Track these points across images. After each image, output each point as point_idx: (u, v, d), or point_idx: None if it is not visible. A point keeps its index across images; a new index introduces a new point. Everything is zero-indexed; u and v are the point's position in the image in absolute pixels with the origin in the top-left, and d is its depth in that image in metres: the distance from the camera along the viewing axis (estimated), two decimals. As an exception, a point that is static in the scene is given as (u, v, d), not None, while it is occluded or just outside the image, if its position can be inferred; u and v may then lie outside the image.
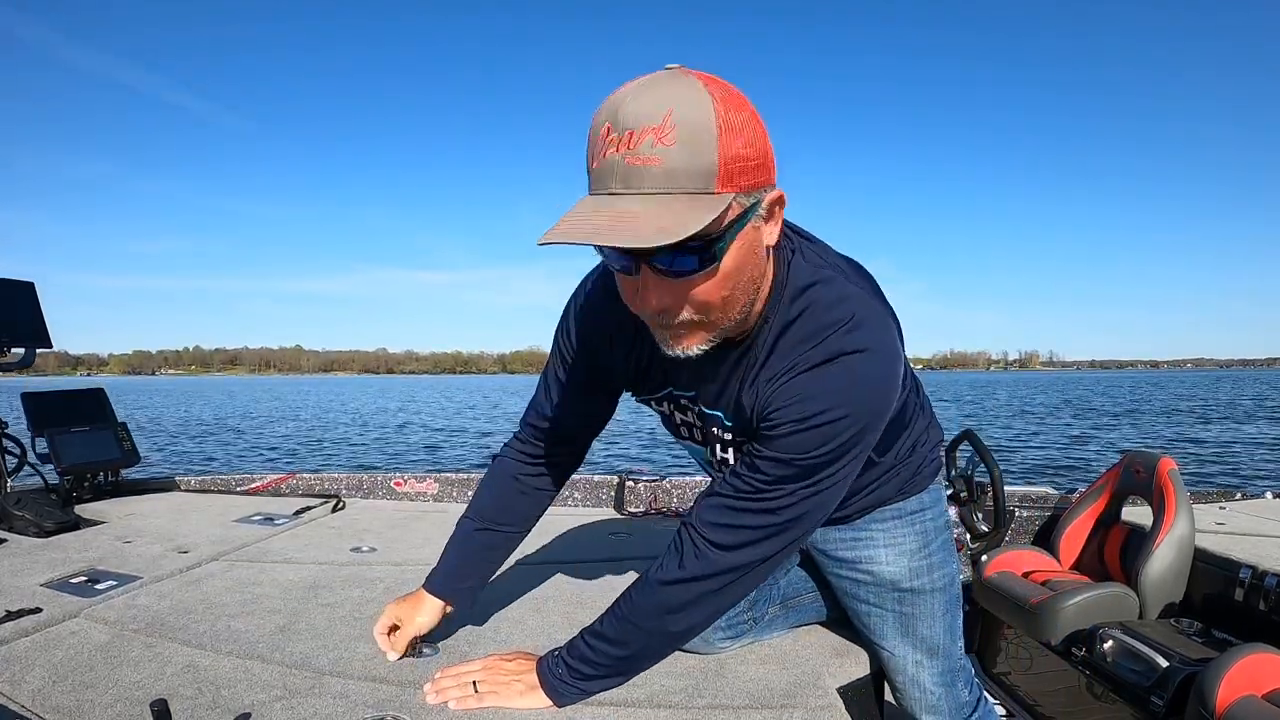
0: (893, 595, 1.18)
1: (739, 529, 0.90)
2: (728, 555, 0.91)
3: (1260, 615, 1.67)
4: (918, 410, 1.14)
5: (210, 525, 2.02)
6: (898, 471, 1.15)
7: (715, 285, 0.73)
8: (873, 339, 0.83)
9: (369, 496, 2.56)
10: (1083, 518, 2.11)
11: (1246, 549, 1.83)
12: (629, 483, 2.37)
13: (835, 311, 0.83)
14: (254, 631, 1.24)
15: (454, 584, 1.17)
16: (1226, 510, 2.29)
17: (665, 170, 0.65)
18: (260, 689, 1.02)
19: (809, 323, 0.84)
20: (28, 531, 1.88)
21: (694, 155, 0.66)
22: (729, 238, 0.71)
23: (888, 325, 0.86)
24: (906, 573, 1.17)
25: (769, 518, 0.89)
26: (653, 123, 0.65)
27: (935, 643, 1.19)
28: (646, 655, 1.02)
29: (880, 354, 0.83)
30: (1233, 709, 1.28)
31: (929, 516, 1.18)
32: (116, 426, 2.43)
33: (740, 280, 0.76)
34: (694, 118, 0.65)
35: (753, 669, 1.14)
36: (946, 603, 1.19)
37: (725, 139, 0.66)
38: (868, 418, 0.84)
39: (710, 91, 0.67)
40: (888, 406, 0.86)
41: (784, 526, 0.89)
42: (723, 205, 0.67)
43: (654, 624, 0.97)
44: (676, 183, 0.66)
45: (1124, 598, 1.77)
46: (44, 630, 1.23)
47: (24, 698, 0.99)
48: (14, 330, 2.22)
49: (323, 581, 1.53)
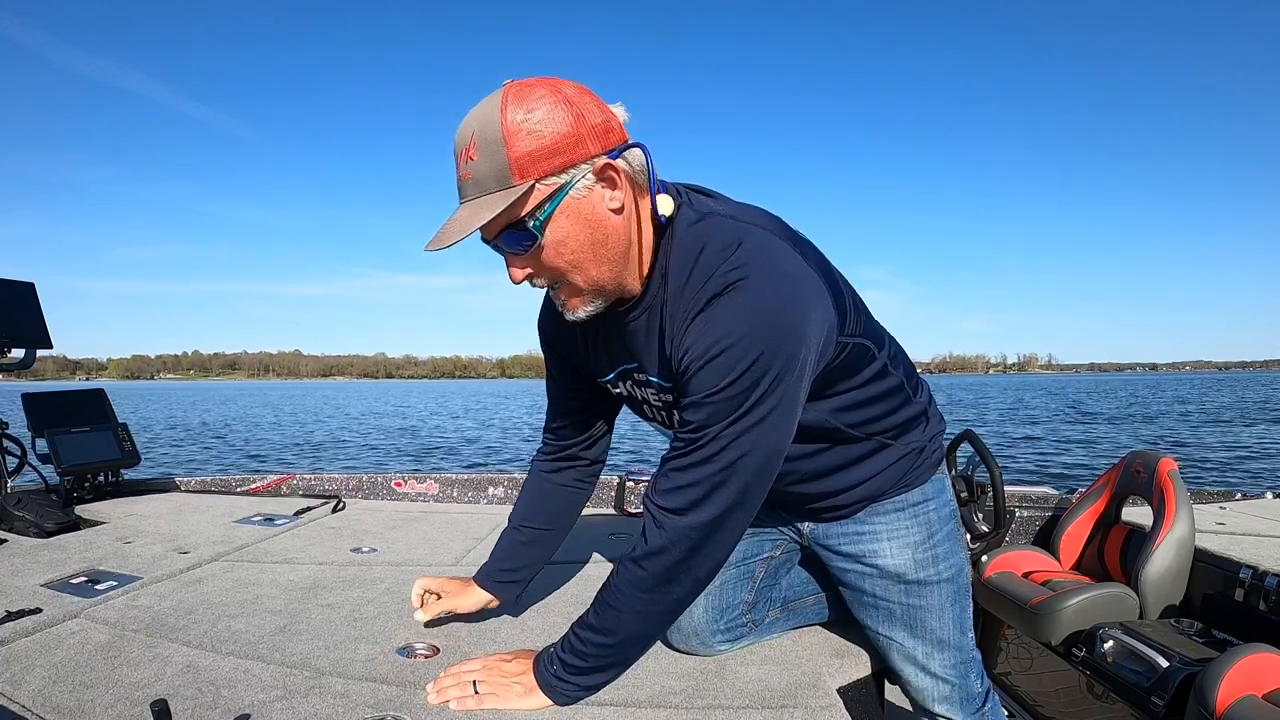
0: (899, 588, 1.17)
1: (686, 488, 0.89)
2: (683, 518, 0.90)
3: (1260, 615, 1.67)
4: (905, 391, 1.12)
5: (210, 525, 2.02)
6: (890, 458, 1.13)
7: (551, 254, 0.87)
8: (762, 264, 0.86)
9: (369, 497, 2.56)
10: (1083, 518, 2.11)
11: (1246, 549, 1.83)
12: (629, 483, 2.37)
13: (725, 249, 0.87)
14: (254, 631, 1.24)
15: (494, 577, 1.26)
16: (1226, 510, 2.29)
17: (475, 180, 0.84)
18: (260, 689, 1.02)
19: (701, 265, 0.89)
20: (28, 532, 1.88)
21: (490, 162, 0.82)
22: (543, 215, 0.84)
23: (784, 250, 0.88)
24: (912, 565, 1.15)
25: (708, 467, 0.87)
26: (464, 145, 0.84)
27: (945, 634, 1.18)
28: (635, 640, 1.00)
29: (772, 276, 0.85)
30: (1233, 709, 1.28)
31: (933, 507, 1.17)
32: (117, 427, 2.43)
33: (581, 246, 0.87)
34: (486, 133, 0.82)
35: (753, 669, 1.14)
36: (954, 594, 1.18)
37: (511, 142, 0.81)
38: (769, 337, 0.83)
39: (502, 105, 0.82)
40: (793, 326, 0.85)
41: (726, 474, 0.87)
42: (517, 194, 0.82)
43: (635, 605, 0.95)
44: (484, 187, 0.83)
45: (1124, 598, 1.77)
46: (44, 630, 1.23)
47: (24, 698, 0.99)
48: (14, 331, 2.22)
49: (323, 582, 1.53)
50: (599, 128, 0.85)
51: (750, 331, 0.83)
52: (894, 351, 1.11)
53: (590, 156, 0.84)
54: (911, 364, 1.17)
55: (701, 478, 0.88)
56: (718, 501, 0.89)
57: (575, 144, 0.83)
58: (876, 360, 1.04)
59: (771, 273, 0.85)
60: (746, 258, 0.86)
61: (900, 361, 1.12)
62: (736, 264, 0.86)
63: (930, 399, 1.21)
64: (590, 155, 0.84)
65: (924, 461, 1.16)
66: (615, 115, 0.88)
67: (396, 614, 1.34)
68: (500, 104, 0.82)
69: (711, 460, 0.87)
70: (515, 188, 0.82)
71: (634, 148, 0.89)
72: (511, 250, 0.88)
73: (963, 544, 1.24)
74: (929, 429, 1.18)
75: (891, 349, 1.10)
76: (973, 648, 1.22)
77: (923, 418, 1.17)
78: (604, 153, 0.85)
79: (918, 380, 1.18)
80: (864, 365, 1.03)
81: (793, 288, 0.86)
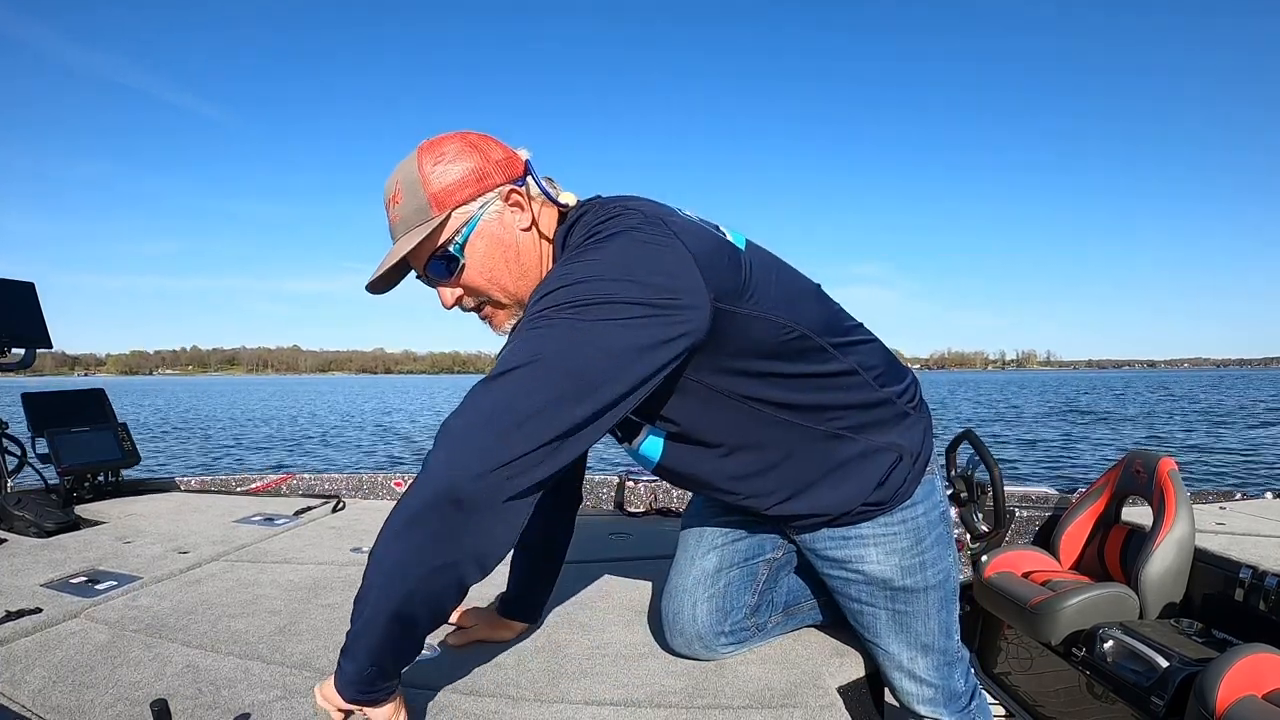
0: (884, 594, 1.15)
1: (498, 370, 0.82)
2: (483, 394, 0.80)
3: (1260, 615, 1.67)
4: (861, 379, 1.07)
5: (210, 525, 2.02)
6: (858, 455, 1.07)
7: (473, 274, 0.98)
8: (622, 227, 0.90)
9: (369, 497, 2.56)
10: (1083, 518, 2.11)
11: (1246, 549, 1.83)
12: (629, 483, 2.37)
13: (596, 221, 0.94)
14: (254, 631, 1.24)
15: (522, 605, 1.29)
16: (1226, 510, 2.29)
17: (402, 219, 0.97)
18: (260, 689, 1.02)
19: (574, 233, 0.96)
20: (28, 532, 1.88)
21: (412, 201, 0.95)
22: (461, 239, 0.96)
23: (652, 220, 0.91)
24: (898, 572, 1.13)
25: (519, 347, 0.82)
26: (390, 194, 0.98)
27: (930, 639, 1.17)
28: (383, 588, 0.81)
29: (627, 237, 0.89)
30: (1233, 709, 1.28)
31: (920, 512, 1.12)
32: (117, 427, 2.43)
33: (497, 263, 0.99)
34: (406, 179, 0.96)
35: (753, 669, 1.14)
36: (942, 599, 1.16)
37: (428, 182, 0.95)
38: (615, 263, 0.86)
39: (418, 156, 0.97)
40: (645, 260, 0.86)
41: (533, 358, 0.80)
42: (436, 223, 0.95)
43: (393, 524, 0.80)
44: (408, 224, 0.96)
45: (1124, 598, 1.77)
46: (44, 630, 1.23)
47: (24, 698, 0.99)
48: (14, 331, 2.22)
49: (323, 582, 1.53)
50: (502, 162, 0.98)
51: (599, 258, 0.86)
52: (846, 340, 1.06)
53: (496, 185, 0.97)
54: (886, 358, 1.13)
55: (513, 355, 0.82)
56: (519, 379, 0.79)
57: (482, 177, 0.97)
58: (797, 338, 0.99)
59: (627, 234, 0.89)
60: (611, 225, 0.91)
61: (855, 350, 1.07)
62: (601, 228, 0.92)
63: (914, 399, 1.15)
64: (496, 184, 0.97)
65: (906, 470, 1.10)
66: (517, 154, 1.01)
67: (396, 614, 1.34)
68: (416, 156, 0.97)
69: (527, 341, 0.82)
70: (435, 219, 0.95)
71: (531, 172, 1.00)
72: (439, 276, 1.00)
73: (954, 545, 1.22)
74: (906, 429, 1.12)
75: (842, 336, 1.06)
76: (958, 648, 1.21)
77: (895, 414, 1.11)
78: (508, 181, 0.98)
79: (892, 374, 1.12)
80: (777, 341, 0.98)
81: (644, 247, 0.87)
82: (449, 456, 0.77)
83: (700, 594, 1.20)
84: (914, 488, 1.11)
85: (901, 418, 1.12)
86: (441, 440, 0.79)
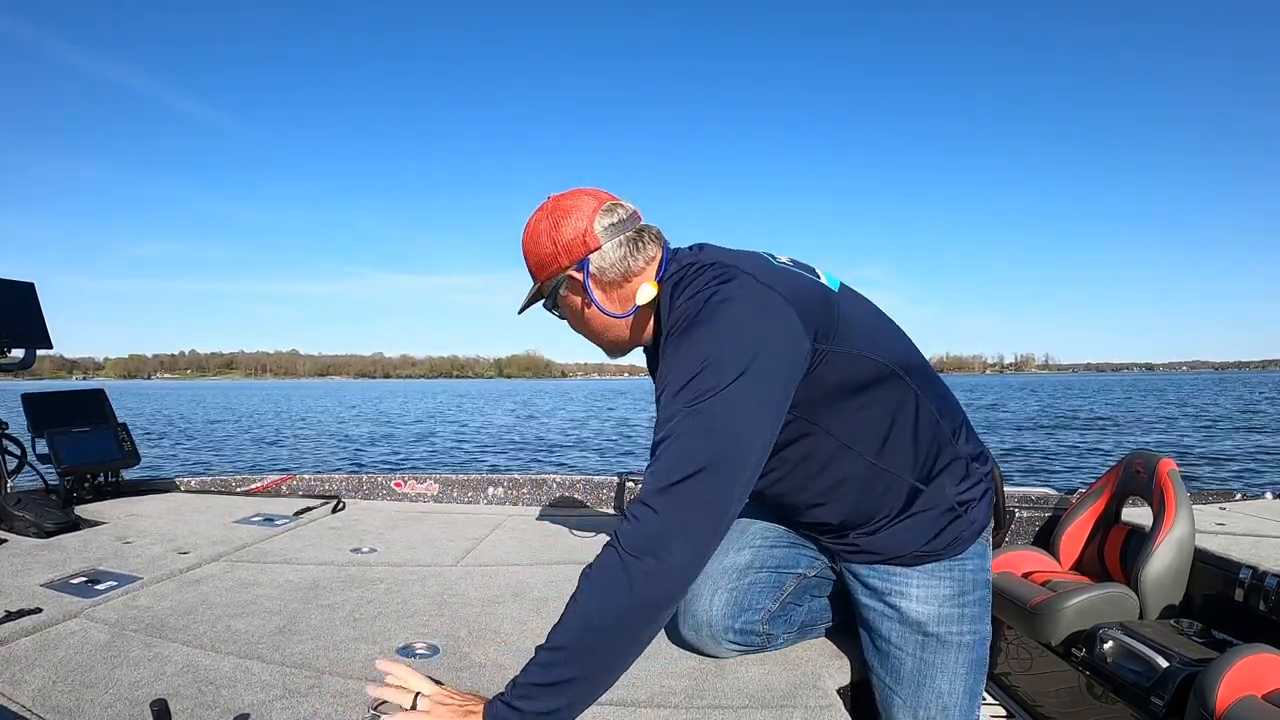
0: (916, 639, 1.12)
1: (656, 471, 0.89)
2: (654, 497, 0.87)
3: (1260, 615, 1.67)
4: (935, 423, 1.11)
5: (210, 526, 2.02)
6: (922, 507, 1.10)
7: (573, 323, 1.20)
8: (723, 296, 0.98)
9: (369, 497, 2.56)
10: (1083, 518, 2.11)
11: (1246, 549, 1.83)
12: (629, 483, 2.37)
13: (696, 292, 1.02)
14: (254, 631, 1.24)
15: None
16: (1226, 511, 2.29)
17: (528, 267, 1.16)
18: (260, 689, 1.02)
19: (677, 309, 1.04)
20: (28, 532, 1.88)
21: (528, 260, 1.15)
22: (550, 304, 1.17)
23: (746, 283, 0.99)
24: (935, 617, 1.12)
25: (682, 451, 0.88)
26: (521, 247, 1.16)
27: (951, 701, 1.12)
28: (596, 649, 0.87)
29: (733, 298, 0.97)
30: (1233, 709, 1.28)
31: (970, 568, 1.13)
32: (117, 427, 2.43)
33: (579, 323, 1.18)
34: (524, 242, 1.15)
35: (753, 669, 1.14)
36: (972, 662, 1.13)
37: (528, 252, 1.14)
38: (721, 345, 0.93)
39: (527, 226, 1.14)
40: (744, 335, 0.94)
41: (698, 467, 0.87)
42: (535, 289, 1.16)
43: (600, 590, 0.87)
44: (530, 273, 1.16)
45: (1124, 598, 1.77)
46: (44, 630, 1.23)
47: (24, 698, 0.99)
48: (14, 331, 2.22)
49: (323, 582, 1.53)
50: (567, 246, 1.10)
51: (714, 331, 0.95)
52: (922, 383, 1.11)
53: (562, 269, 1.11)
54: (957, 410, 1.17)
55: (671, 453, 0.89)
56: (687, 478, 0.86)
57: (550, 261, 1.11)
58: (879, 371, 1.06)
59: (730, 306, 0.97)
60: (714, 294, 0.99)
61: (930, 394, 1.11)
62: (703, 300, 0.99)
63: (978, 456, 1.17)
64: (562, 268, 1.11)
65: (963, 527, 1.12)
66: (593, 226, 1.09)
67: (396, 614, 1.34)
68: (526, 226, 1.15)
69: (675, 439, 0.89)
70: (536, 283, 1.16)
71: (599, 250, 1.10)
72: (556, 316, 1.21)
73: (993, 622, 1.19)
74: (968, 485, 1.13)
75: (919, 379, 1.11)
76: None
77: (961, 467, 1.13)
78: (572, 265, 1.10)
79: (963, 428, 1.15)
80: (860, 375, 1.05)
81: (743, 310, 0.96)
82: (653, 572, 0.84)
83: (723, 583, 1.20)
84: (968, 546, 1.13)
85: (963, 469, 1.14)
86: (639, 550, 0.85)
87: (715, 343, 0.93)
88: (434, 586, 1.51)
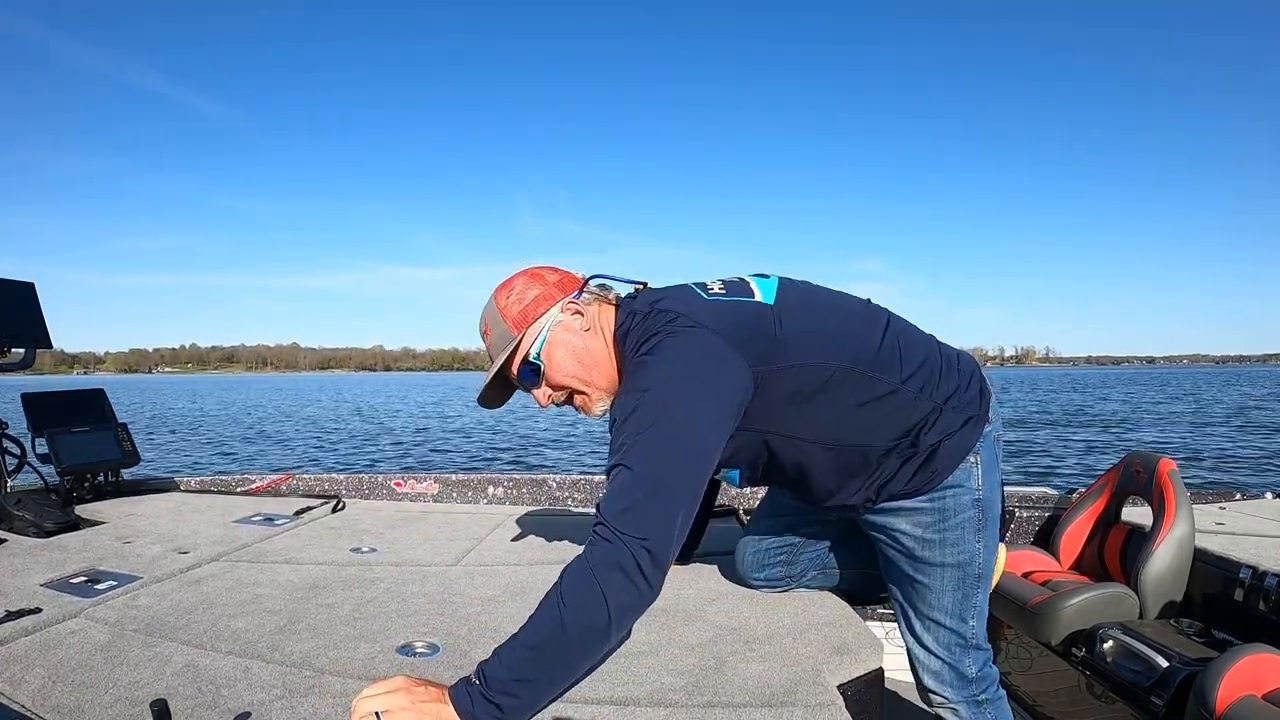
0: (909, 562, 1.28)
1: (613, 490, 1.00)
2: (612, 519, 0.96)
3: (1260, 615, 1.67)
4: (905, 392, 1.18)
5: (210, 525, 2.02)
6: (903, 464, 1.20)
7: (555, 375, 1.21)
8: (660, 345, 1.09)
9: (369, 497, 2.56)
10: (1083, 518, 2.11)
11: (1246, 549, 1.83)
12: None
13: (638, 342, 1.13)
14: (254, 631, 1.24)
15: None
16: (1226, 510, 2.29)
17: (492, 344, 1.23)
18: (260, 689, 1.02)
19: (625, 352, 1.17)
20: (28, 531, 1.88)
21: (497, 329, 1.22)
22: (538, 348, 1.20)
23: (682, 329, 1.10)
24: (918, 544, 1.25)
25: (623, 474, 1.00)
26: (482, 329, 1.25)
27: (939, 616, 1.27)
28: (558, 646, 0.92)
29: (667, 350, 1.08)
30: (1233, 709, 1.28)
31: (950, 494, 1.22)
32: (117, 427, 2.43)
33: (570, 363, 1.20)
34: (490, 315, 1.23)
35: (753, 667, 1.14)
36: (959, 580, 1.25)
37: (505, 313, 1.21)
38: (667, 372, 1.06)
39: (494, 295, 1.23)
40: (687, 361, 1.07)
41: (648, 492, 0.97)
42: (516, 340, 1.20)
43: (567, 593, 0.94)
44: (498, 348, 1.22)
45: (1124, 598, 1.77)
46: (44, 630, 1.23)
47: (24, 698, 0.99)
48: (14, 331, 2.22)
49: (323, 582, 1.53)
50: (557, 283, 1.23)
51: (647, 382, 1.05)
52: (881, 358, 1.19)
53: (556, 301, 1.21)
54: (933, 365, 1.23)
55: (620, 479, 1.00)
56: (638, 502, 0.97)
57: (544, 298, 1.21)
58: (836, 373, 1.16)
59: (668, 348, 1.08)
60: (655, 338, 1.10)
61: (890, 364, 1.19)
62: (647, 345, 1.10)
63: (952, 389, 1.22)
64: (556, 300, 1.21)
65: (938, 463, 1.20)
66: (573, 274, 1.25)
67: (396, 613, 1.34)
68: (494, 296, 1.23)
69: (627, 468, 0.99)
70: (514, 338, 1.19)
71: (592, 281, 1.26)
72: (529, 382, 1.23)
73: (991, 537, 1.26)
74: (941, 429, 1.20)
75: (881, 361, 1.19)
76: (975, 636, 1.29)
77: (935, 416, 1.20)
78: (564, 296, 1.22)
79: (929, 375, 1.21)
80: (808, 382, 1.15)
81: (678, 350, 1.08)
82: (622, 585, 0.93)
83: (745, 548, 1.53)
84: (945, 477, 1.21)
85: (935, 413, 1.20)
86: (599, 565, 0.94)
87: (654, 380, 1.05)
88: (434, 586, 1.51)
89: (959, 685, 1.29)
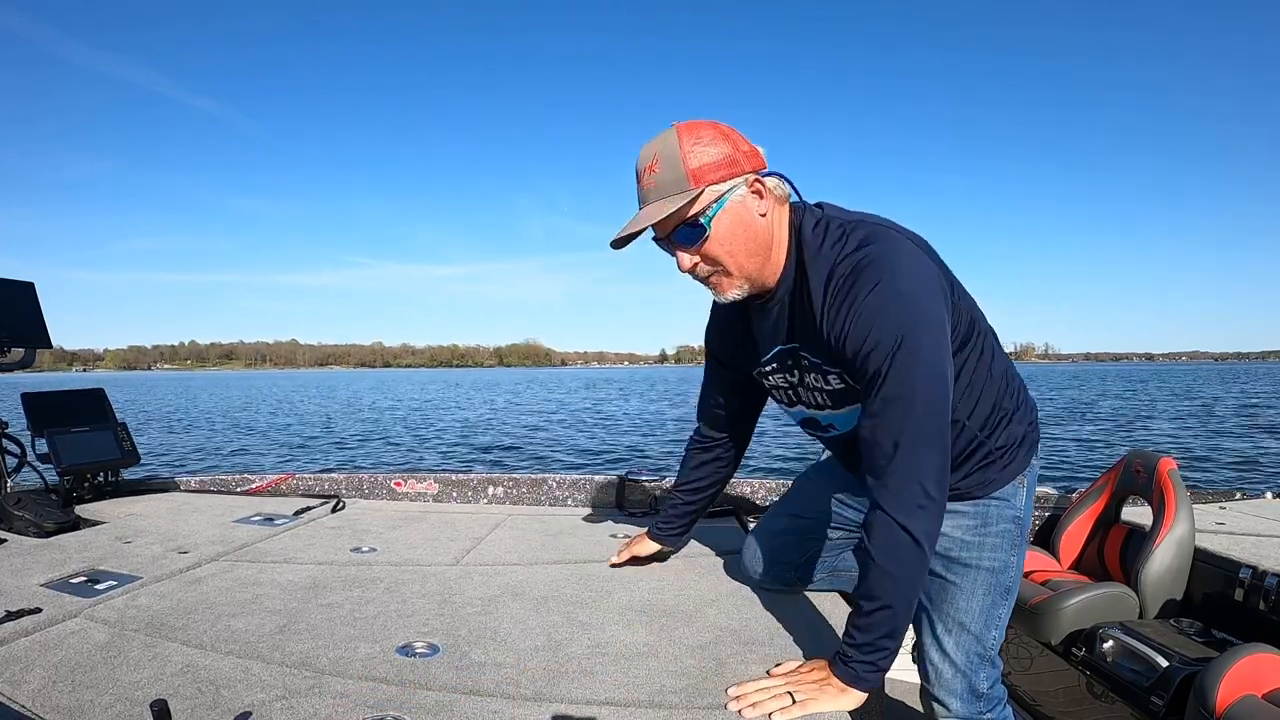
0: (941, 561, 1.25)
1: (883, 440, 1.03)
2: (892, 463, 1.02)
3: (1260, 615, 1.67)
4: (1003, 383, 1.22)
5: (210, 525, 2.02)
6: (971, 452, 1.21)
7: (714, 245, 1.09)
8: (885, 252, 1.05)
9: (369, 497, 2.56)
10: (1083, 518, 2.11)
11: (1246, 549, 1.83)
12: (629, 483, 2.37)
13: (846, 243, 1.08)
14: (254, 631, 1.24)
15: (663, 532, 1.64)
16: (1226, 510, 2.29)
17: (657, 187, 1.08)
18: (260, 689, 1.02)
19: (824, 257, 1.10)
20: (28, 531, 1.88)
21: (671, 173, 1.06)
22: (711, 214, 1.07)
23: (897, 239, 1.07)
24: (957, 543, 1.24)
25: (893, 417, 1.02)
26: (647, 162, 1.09)
27: (967, 619, 1.25)
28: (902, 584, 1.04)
29: (894, 262, 1.04)
30: (1233, 709, 1.28)
31: (995, 505, 1.24)
32: (116, 427, 2.43)
33: (737, 239, 1.10)
34: (666, 152, 1.07)
35: (753, 669, 1.14)
36: (990, 586, 1.24)
37: (687, 158, 1.06)
38: (907, 315, 1.02)
39: (677, 133, 1.07)
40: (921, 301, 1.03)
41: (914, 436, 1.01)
42: (692, 195, 1.05)
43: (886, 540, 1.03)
44: (664, 192, 1.07)
45: (1124, 598, 1.77)
46: (44, 630, 1.23)
47: (24, 698, 0.99)
48: (14, 330, 2.22)
49: (323, 582, 1.53)
50: (749, 153, 1.10)
51: (893, 315, 1.01)
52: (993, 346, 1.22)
53: (745, 172, 1.09)
54: (1012, 369, 1.26)
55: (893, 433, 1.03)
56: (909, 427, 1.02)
57: (733, 162, 1.08)
58: (971, 324, 1.16)
59: (894, 260, 1.04)
60: (872, 249, 1.05)
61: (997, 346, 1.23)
62: (864, 255, 1.05)
63: (1020, 406, 1.26)
64: (745, 171, 1.08)
65: (994, 472, 1.23)
66: (759, 149, 1.12)
67: (396, 613, 1.34)
68: (676, 133, 1.08)
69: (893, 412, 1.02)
70: (690, 191, 1.06)
71: (774, 175, 1.13)
72: (684, 243, 1.11)
73: (1022, 555, 1.27)
74: (1009, 435, 1.23)
75: (989, 341, 1.21)
76: (994, 648, 1.27)
77: (1009, 418, 1.23)
78: (754, 171, 1.10)
79: (1016, 384, 1.25)
80: (960, 331, 1.13)
81: (911, 270, 1.04)
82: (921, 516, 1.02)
83: (761, 542, 1.52)
84: (1000, 488, 1.24)
85: (1010, 423, 1.24)
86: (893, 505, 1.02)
87: (904, 312, 1.01)
88: (434, 586, 1.51)
89: (968, 699, 1.25)
